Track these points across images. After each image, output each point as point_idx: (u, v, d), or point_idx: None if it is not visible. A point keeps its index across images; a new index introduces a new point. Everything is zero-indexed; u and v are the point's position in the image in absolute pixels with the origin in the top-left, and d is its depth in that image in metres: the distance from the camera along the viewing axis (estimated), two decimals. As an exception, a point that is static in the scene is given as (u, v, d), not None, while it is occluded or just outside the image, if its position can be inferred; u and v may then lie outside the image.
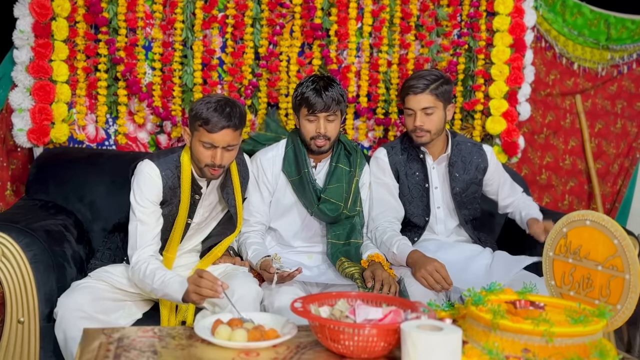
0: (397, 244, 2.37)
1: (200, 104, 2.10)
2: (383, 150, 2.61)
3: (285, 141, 2.52)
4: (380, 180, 2.57)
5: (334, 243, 2.44)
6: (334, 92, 2.33)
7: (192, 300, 1.91)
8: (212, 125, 2.05)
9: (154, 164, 2.14)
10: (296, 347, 1.51)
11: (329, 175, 2.46)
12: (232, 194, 2.29)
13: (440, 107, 2.47)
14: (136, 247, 2.09)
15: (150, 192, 2.12)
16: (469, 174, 2.58)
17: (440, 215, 2.60)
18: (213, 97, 2.13)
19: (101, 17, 2.80)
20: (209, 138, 2.06)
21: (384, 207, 2.54)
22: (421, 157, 2.56)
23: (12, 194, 2.84)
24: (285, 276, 2.17)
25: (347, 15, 3.00)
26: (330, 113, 2.34)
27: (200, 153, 2.10)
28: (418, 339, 1.31)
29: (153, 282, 2.00)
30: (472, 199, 2.62)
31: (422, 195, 2.57)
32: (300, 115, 2.39)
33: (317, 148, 2.39)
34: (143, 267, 2.04)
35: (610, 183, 3.70)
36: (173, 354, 1.46)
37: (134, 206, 2.12)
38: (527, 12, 3.13)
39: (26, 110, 2.74)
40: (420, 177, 2.57)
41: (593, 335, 1.36)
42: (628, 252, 1.43)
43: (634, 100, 3.69)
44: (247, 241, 2.41)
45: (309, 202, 2.42)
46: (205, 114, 2.05)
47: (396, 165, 2.57)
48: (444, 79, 2.49)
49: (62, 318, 1.97)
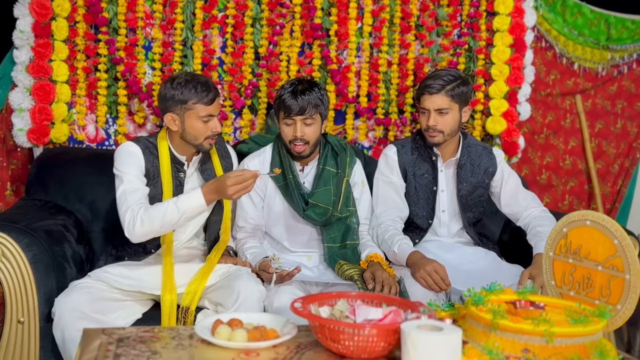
0: (398, 243, 2.36)
1: (179, 86, 2.18)
2: (393, 148, 2.56)
3: (271, 146, 2.49)
4: (387, 178, 2.54)
5: (330, 247, 2.42)
6: (311, 95, 2.30)
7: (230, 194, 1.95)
8: (208, 99, 2.17)
9: (134, 143, 2.25)
10: (296, 347, 1.51)
11: (316, 178, 2.43)
12: (213, 174, 2.32)
13: (456, 109, 2.42)
14: (128, 204, 2.08)
15: (132, 162, 2.18)
16: (476, 177, 2.54)
17: (444, 219, 2.57)
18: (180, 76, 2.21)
19: (101, 17, 2.80)
20: (207, 111, 2.17)
21: (388, 206, 2.52)
22: (433, 159, 2.52)
23: (12, 194, 2.84)
24: (284, 275, 2.17)
25: (347, 15, 3.01)
26: (307, 116, 2.30)
27: (200, 129, 2.19)
28: (418, 339, 1.31)
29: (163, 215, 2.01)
30: (478, 202, 2.59)
31: (428, 197, 2.54)
32: (280, 120, 2.37)
33: (296, 153, 2.36)
34: (141, 212, 2.04)
35: (610, 183, 3.70)
36: (173, 354, 1.46)
37: (118, 174, 2.16)
38: (527, 12, 3.13)
39: (26, 110, 2.74)
40: (428, 178, 2.53)
41: (593, 335, 1.36)
42: (628, 252, 1.43)
43: (634, 100, 3.69)
44: (244, 246, 2.41)
45: (296, 207, 2.41)
46: (194, 94, 2.16)
47: (405, 164, 2.53)
48: (462, 79, 2.44)
49: (59, 318, 1.97)
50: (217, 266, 2.26)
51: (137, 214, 2.04)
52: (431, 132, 2.43)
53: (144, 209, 2.06)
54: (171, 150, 2.26)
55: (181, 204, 2.02)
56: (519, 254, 2.55)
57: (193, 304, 2.12)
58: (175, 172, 2.25)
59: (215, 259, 2.26)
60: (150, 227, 2.04)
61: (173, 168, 2.24)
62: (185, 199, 2.03)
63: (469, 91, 2.48)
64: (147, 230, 2.05)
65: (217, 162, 2.37)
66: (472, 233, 2.61)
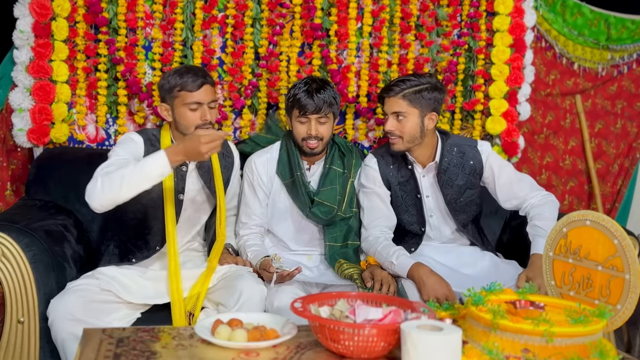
0: (395, 255, 2.29)
1: (169, 75, 2.21)
2: (373, 159, 2.49)
3: (279, 143, 2.51)
4: (370, 189, 2.47)
5: (331, 245, 2.43)
6: (326, 94, 2.33)
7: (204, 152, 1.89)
8: (192, 85, 2.15)
9: (136, 132, 2.27)
10: (296, 347, 1.51)
11: (322, 177, 2.45)
12: (209, 172, 2.31)
13: (415, 114, 2.32)
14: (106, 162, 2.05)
15: (129, 148, 2.17)
16: (462, 179, 2.44)
17: (434, 223, 2.50)
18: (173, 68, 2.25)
19: (101, 17, 2.80)
20: (193, 97, 2.16)
21: (375, 216, 2.45)
22: (409, 167, 2.45)
23: (12, 194, 2.84)
24: (285, 275, 2.17)
25: (347, 15, 3.00)
26: (322, 115, 2.34)
27: (189, 117, 2.18)
28: (418, 339, 1.31)
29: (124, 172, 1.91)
30: (469, 202, 2.48)
31: (415, 204, 2.47)
32: (292, 117, 2.39)
33: (309, 150, 2.38)
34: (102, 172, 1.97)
35: (610, 183, 3.70)
36: (173, 354, 1.46)
37: (109, 155, 2.14)
38: (527, 12, 3.13)
39: (26, 110, 2.74)
40: (411, 185, 2.46)
41: (593, 335, 1.36)
42: (628, 252, 1.43)
43: (634, 100, 3.69)
44: (246, 243, 2.41)
45: (302, 205, 2.42)
46: (180, 79, 2.16)
47: (386, 175, 2.46)
48: (431, 85, 2.33)
49: (52, 321, 1.97)
50: (219, 267, 2.26)
51: (98, 176, 1.96)
52: (390, 138, 2.37)
53: (105, 171, 1.97)
54: (172, 142, 2.25)
55: (142, 164, 1.92)
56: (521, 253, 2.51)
57: (197, 309, 2.11)
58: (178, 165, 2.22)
59: (215, 261, 2.25)
60: (109, 187, 1.91)
61: None
62: (146, 159, 1.94)
63: (439, 99, 2.37)
64: (107, 191, 1.91)
65: (215, 160, 2.35)
66: (468, 233, 2.52)
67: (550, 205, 2.39)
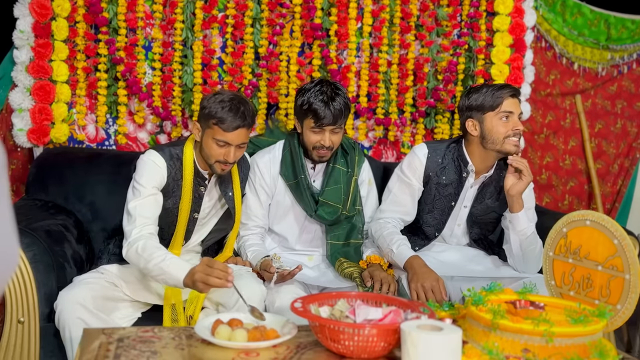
0: (397, 243, 2.30)
1: (214, 102, 2.11)
2: (424, 150, 2.39)
3: (282, 143, 2.49)
4: (407, 178, 2.40)
5: (333, 244, 2.43)
6: (341, 101, 2.28)
7: (197, 288, 1.85)
8: (227, 125, 2.08)
9: (159, 154, 2.17)
10: (296, 347, 1.51)
11: (326, 177, 2.44)
12: (230, 188, 2.30)
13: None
14: (135, 224, 2.05)
15: (154, 177, 2.13)
16: (494, 202, 2.38)
17: (457, 232, 2.47)
18: (225, 94, 2.14)
19: (101, 17, 2.80)
20: (224, 137, 2.09)
21: (397, 204, 2.43)
22: (464, 175, 2.35)
23: (12, 194, 2.84)
24: (285, 275, 2.17)
25: (347, 15, 3.00)
26: (337, 126, 2.31)
27: (213, 150, 2.12)
28: (418, 339, 1.31)
29: (149, 261, 1.94)
30: (488, 222, 2.46)
31: (444, 209, 2.41)
32: (305, 125, 2.33)
33: (318, 158, 2.36)
34: (141, 243, 1.99)
35: (610, 183, 3.70)
36: (173, 354, 1.46)
37: (136, 186, 2.11)
38: (527, 12, 3.13)
39: (26, 110, 2.74)
40: (450, 191, 2.38)
41: (593, 335, 1.36)
42: (628, 252, 1.43)
43: (634, 100, 3.70)
44: (246, 243, 2.41)
45: (307, 206, 2.41)
46: (220, 113, 2.08)
47: (431, 170, 2.37)
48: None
49: (61, 311, 1.96)
50: None
51: (135, 245, 2.00)
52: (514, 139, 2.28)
53: (144, 242, 2.00)
54: (195, 164, 2.22)
55: (166, 265, 1.92)
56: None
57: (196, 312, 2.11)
58: (196, 186, 2.22)
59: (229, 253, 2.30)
60: (136, 262, 2.01)
61: (195, 181, 2.21)
62: (172, 263, 1.93)
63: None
64: (133, 262, 2.03)
65: (235, 174, 2.33)
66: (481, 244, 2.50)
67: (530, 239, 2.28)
